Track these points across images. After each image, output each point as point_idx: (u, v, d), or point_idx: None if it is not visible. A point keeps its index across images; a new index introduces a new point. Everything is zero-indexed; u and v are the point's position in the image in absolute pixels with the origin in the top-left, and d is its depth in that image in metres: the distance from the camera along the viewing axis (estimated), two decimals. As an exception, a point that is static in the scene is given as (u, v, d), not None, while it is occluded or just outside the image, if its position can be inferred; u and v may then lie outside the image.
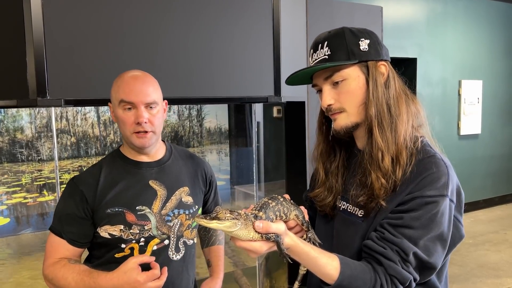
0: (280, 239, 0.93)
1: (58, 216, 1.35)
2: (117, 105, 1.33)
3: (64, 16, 1.70)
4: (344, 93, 1.09)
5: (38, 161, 3.08)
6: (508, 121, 6.53)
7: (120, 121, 1.34)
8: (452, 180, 1.04)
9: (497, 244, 4.76)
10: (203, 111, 3.75)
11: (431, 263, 1.00)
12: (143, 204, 1.36)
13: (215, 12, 2.01)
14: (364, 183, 1.07)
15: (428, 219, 0.99)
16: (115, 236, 1.32)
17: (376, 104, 1.07)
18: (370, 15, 2.89)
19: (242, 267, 3.17)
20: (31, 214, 3.14)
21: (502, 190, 6.52)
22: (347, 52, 1.09)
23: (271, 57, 2.17)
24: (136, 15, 1.85)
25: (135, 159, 1.41)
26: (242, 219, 0.91)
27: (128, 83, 1.32)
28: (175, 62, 1.94)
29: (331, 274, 0.99)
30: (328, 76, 1.11)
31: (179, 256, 1.41)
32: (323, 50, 1.11)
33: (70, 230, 1.32)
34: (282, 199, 1.06)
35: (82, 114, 3.21)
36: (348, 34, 1.10)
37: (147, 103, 1.32)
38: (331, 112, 1.12)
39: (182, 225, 1.42)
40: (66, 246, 1.33)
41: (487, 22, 6.12)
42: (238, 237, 0.92)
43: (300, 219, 1.11)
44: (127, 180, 1.37)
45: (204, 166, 1.57)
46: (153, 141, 1.37)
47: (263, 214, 0.96)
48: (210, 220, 0.89)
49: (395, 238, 0.99)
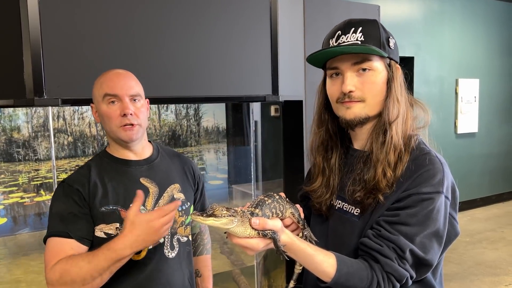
0: (276, 236, 0.93)
1: (58, 219, 1.29)
2: (101, 101, 1.33)
3: (61, 15, 1.69)
4: (369, 83, 1.07)
5: (35, 161, 3.07)
6: (504, 119, 6.55)
7: (105, 117, 1.33)
8: (447, 177, 1.04)
9: (494, 242, 4.78)
10: (200, 110, 3.75)
11: (428, 260, 1.00)
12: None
13: (213, 11, 2.01)
14: (362, 178, 1.08)
15: (424, 216, 0.99)
16: (111, 235, 1.30)
17: (399, 102, 1.08)
18: (368, 14, 2.89)
19: (240, 266, 3.16)
20: (28, 214, 3.13)
21: (499, 188, 6.54)
22: (380, 44, 1.07)
23: (268, 56, 2.17)
24: (133, 14, 1.84)
25: (123, 157, 1.40)
26: (238, 216, 0.91)
27: (111, 78, 1.34)
28: (172, 61, 1.93)
29: (328, 271, 0.99)
30: (356, 62, 1.07)
31: (174, 253, 1.41)
32: (355, 35, 1.06)
33: (77, 228, 1.28)
34: (278, 196, 1.06)
35: (79, 113, 3.20)
36: (381, 27, 1.09)
37: (131, 95, 1.33)
38: (349, 99, 1.08)
39: (176, 222, 1.42)
40: (73, 245, 1.26)
41: (484, 21, 6.13)
42: (235, 234, 0.92)
43: (296, 217, 1.11)
44: (117, 178, 1.36)
45: (191, 164, 1.57)
46: (140, 134, 1.36)
47: (259, 211, 0.96)
48: (206, 217, 0.88)
49: (392, 235, 0.99)
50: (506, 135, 6.58)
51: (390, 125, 1.07)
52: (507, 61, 6.44)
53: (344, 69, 1.08)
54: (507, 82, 6.49)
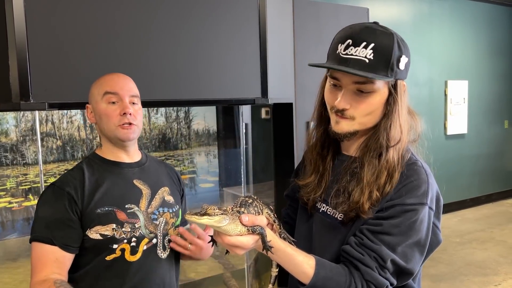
0: (264, 232, 0.98)
1: (44, 223, 1.28)
2: (99, 100, 1.35)
3: (47, 18, 1.68)
4: (365, 103, 1.03)
5: (23, 165, 3.04)
6: (494, 120, 6.61)
7: (103, 115, 1.34)
8: (432, 188, 1.04)
9: (484, 243, 4.82)
10: (191, 113, 3.74)
11: (409, 269, 1.00)
12: (131, 202, 1.36)
13: (201, 14, 2.00)
14: (347, 190, 1.06)
15: (407, 226, 0.99)
16: (107, 236, 1.30)
17: (401, 126, 1.04)
18: (357, 17, 2.91)
19: (231, 269, 3.16)
20: (16, 219, 3.09)
21: (488, 189, 6.60)
22: (388, 66, 1.01)
23: (258, 58, 2.17)
24: (122, 17, 1.83)
25: (116, 159, 1.41)
26: (229, 214, 0.96)
27: (112, 78, 1.38)
28: (161, 64, 1.93)
29: (307, 272, 0.99)
30: (357, 81, 1.02)
31: (166, 254, 1.43)
32: (365, 51, 1.00)
33: (62, 235, 1.27)
34: (256, 197, 1.10)
35: (68, 117, 3.18)
36: (396, 45, 1.02)
37: (131, 96, 1.37)
38: (341, 114, 1.05)
39: (167, 224, 1.44)
40: (57, 254, 1.26)
41: (473, 22, 6.19)
42: (227, 232, 0.95)
43: (272, 217, 1.14)
44: (111, 180, 1.37)
45: (175, 171, 1.61)
46: (136, 135, 1.39)
47: (245, 210, 1.00)
48: (200, 216, 0.93)
49: (374, 245, 0.99)
50: (495, 136, 6.64)
51: (388, 150, 1.03)
52: (495, 63, 6.51)
53: (344, 85, 1.04)
54: (496, 83, 6.56)
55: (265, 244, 0.97)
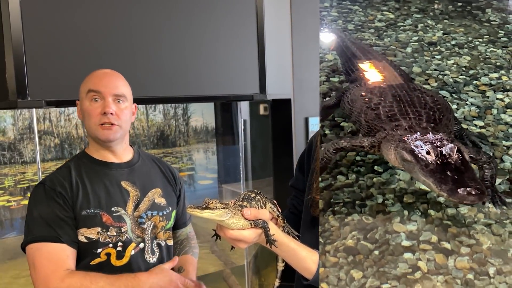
0: (267, 225, 0.97)
1: (44, 222, 1.24)
2: (84, 97, 1.31)
3: (43, 15, 1.67)
4: None
5: (21, 164, 3.03)
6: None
7: (85, 113, 1.30)
8: None
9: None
10: (189, 109, 3.73)
11: None
12: (117, 205, 1.33)
13: (199, 11, 2.00)
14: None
15: None
16: (92, 239, 1.27)
17: None
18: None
19: (231, 266, 3.16)
20: (14, 218, 3.09)
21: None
22: None
23: (255, 54, 2.16)
24: (119, 14, 1.82)
25: (104, 159, 1.37)
26: (231, 208, 0.95)
27: (97, 76, 1.33)
28: (159, 61, 1.92)
29: (310, 268, 1.00)
30: None
31: (155, 258, 1.38)
32: None
33: (65, 232, 1.24)
34: (259, 192, 1.10)
35: (66, 115, 3.17)
36: None
37: (115, 95, 1.30)
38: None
39: (156, 227, 1.40)
40: (67, 251, 1.22)
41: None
42: (229, 226, 0.95)
43: (275, 211, 1.14)
44: (98, 181, 1.33)
45: (172, 170, 1.55)
46: (118, 135, 1.33)
47: (247, 204, 1.00)
48: (202, 210, 0.92)
49: None
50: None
51: None
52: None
53: None
54: None
55: (268, 238, 0.97)
